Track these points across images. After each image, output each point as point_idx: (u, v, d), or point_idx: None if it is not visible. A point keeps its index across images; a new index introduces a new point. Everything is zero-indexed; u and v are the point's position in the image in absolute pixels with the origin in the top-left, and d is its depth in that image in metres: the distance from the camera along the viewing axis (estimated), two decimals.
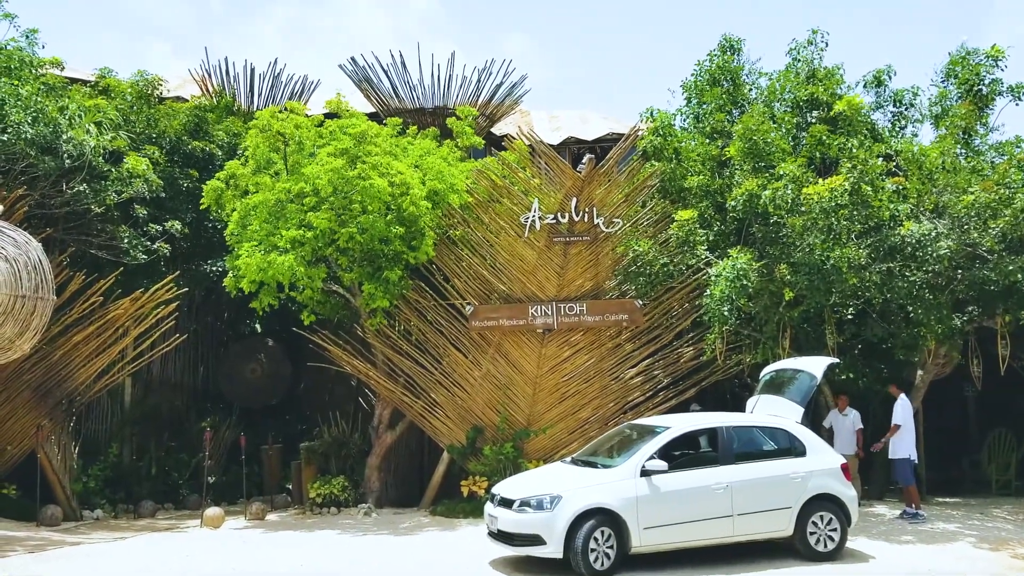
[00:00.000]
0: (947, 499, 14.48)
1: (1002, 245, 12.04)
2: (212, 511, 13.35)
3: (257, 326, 18.68)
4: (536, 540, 9.33)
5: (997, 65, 13.73)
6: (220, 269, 15.98)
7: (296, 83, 19.62)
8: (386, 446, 14.75)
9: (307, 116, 15.20)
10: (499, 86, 19.29)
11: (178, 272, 15.42)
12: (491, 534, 9.96)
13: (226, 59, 19.41)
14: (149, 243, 15.07)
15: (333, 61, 51.69)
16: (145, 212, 15.13)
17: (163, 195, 15.48)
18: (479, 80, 19.10)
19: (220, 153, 16.85)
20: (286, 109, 15.06)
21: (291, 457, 16.00)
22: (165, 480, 15.99)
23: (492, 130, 20.36)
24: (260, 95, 19.58)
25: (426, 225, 13.74)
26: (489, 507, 10.10)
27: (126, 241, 14.63)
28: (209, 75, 19.57)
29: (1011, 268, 11.76)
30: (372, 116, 17.17)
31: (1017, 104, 13.75)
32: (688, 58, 57.29)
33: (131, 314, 14.33)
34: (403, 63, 18.91)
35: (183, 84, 20.68)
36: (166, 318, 14.66)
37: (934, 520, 12.31)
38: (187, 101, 18.53)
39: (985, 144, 13.93)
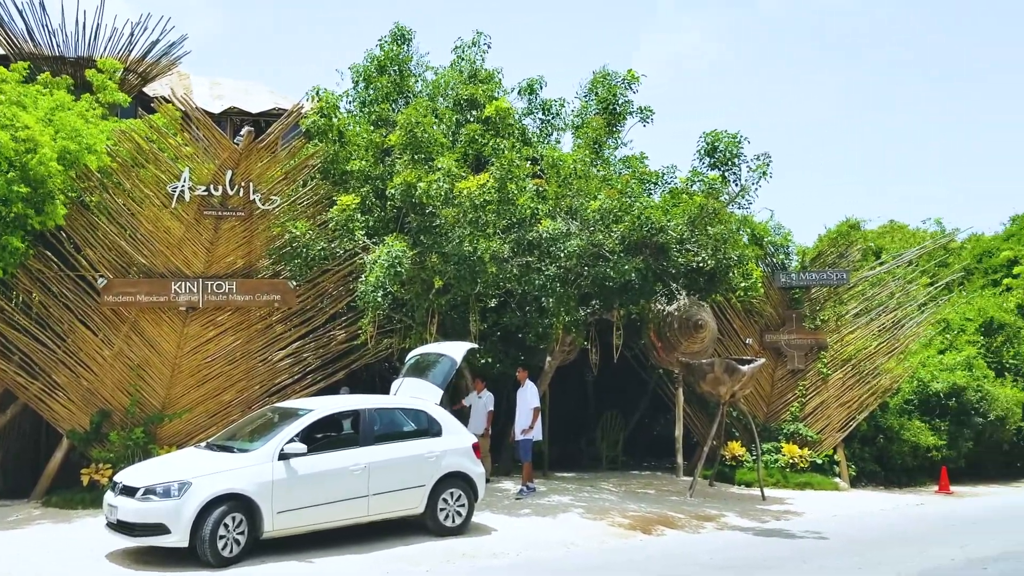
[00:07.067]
0: (566, 474, 16.07)
1: (621, 247, 13.55)
2: None
3: None
4: (160, 529, 8.89)
5: (631, 88, 15.42)
6: None
7: None
8: None
9: None
10: (155, 43, 17.79)
11: None
12: (110, 525, 9.30)
13: None
14: None
15: None
16: None
17: None
18: (132, 33, 17.45)
19: None
20: None
21: None
22: None
23: (145, 90, 18.76)
24: None
25: (56, 188, 12.31)
26: (109, 496, 9.41)
27: None
28: None
29: (627, 268, 13.27)
30: (1, 60, 15.02)
31: (644, 125, 15.57)
32: (365, 39, 57.42)
33: None
34: (42, 4, 16.75)
35: None
36: None
37: (552, 494, 13.59)
38: None
39: (615, 157, 15.59)
